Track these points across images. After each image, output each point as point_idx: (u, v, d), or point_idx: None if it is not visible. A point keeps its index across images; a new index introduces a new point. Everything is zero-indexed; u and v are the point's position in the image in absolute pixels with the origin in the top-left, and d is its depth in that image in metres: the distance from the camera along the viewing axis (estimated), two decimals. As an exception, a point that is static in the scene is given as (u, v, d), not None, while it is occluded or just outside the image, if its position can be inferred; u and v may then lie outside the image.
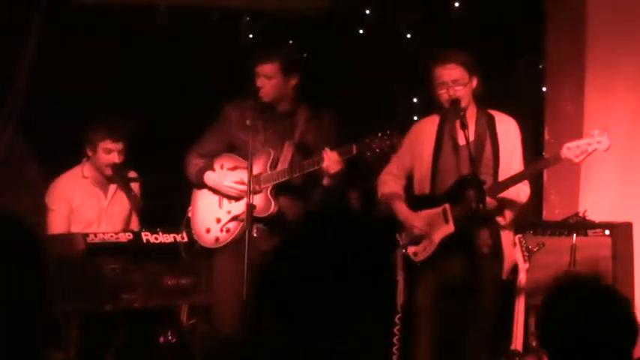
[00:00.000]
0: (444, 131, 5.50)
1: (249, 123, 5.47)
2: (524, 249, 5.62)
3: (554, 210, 6.81)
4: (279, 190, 5.53)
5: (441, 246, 5.39)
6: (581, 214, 6.25)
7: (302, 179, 5.51)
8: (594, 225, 6.08)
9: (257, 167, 5.54)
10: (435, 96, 5.41)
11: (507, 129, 5.47)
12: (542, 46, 7.01)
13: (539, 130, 6.89)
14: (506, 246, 5.44)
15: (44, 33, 6.85)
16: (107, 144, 6.08)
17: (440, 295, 5.41)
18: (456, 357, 5.45)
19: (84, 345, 5.64)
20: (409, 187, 5.60)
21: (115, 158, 6.10)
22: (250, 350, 2.05)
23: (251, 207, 5.33)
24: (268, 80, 5.52)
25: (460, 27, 7.07)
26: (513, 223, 5.50)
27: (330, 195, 5.51)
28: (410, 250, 5.47)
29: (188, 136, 5.86)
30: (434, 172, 5.47)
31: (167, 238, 5.89)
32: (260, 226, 5.52)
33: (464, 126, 5.27)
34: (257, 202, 5.48)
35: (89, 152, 6.16)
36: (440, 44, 7.01)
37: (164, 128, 6.99)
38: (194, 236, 5.72)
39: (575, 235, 5.99)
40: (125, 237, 5.85)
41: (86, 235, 5.73)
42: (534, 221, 6.39)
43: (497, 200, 5.30)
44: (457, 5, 7.26)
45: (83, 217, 6.17)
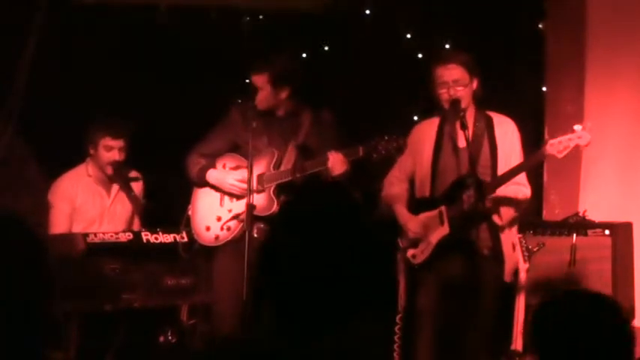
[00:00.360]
0: (444, 133, 5.50)
1: (255, 125, 5.48)
2: (524, 249, 5.62)
3: (554, 210, 6.81)
4: (281, 190, 5.53)
5: (439, 248, 5.40)
6: (581, 214, 6.25)
7: (305, 179, 5.50)
8: (594, 225, 6.08)
9: (261, 167, 5.55)
10: (436, 96, 5.41)
11: (505, 130, 5.47)
12: (542, 46, 7.01)
13: (539, 130, 6.89)
14: (506, 248, 5.43)
15: (44, 33, 6.85)
16: (107, 141, 6.09)
17: (440, 297, 5.41)
18: (457, 357, 5.44)
19: (84, 345, 5.64)
20: (412, 190, 5.62)
21: (116, 155, 6.11)
22: (249, 350, 2.04)
23: (251, 207, 5.33)
24: (259, 90, 5.56)
25: (460, 27, 7.06)
26: (515, 225, 5.49)
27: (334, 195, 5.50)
28: (409, 253, 5.48)
29: (188, 136, 5.86)
30: (434, 174, 5.47)
31: (167, 238, 5.89)
32: (261, 226, 5.51)
33: (464, 127, 5.27)
34: (259, 202, 5.48)
35: (91, 150, 6.17)
36: (440, 44, 7.03)
37: (164, 128, 6.99)
38: (194, 234, 5.72)
39: (575, 235, 5.99)
40: (125, 237, 5.85)
41: (86, 235, 5.73)
42: (534, 221, 6.39)
43: (491, 200, 5.29)
44: (457, 5, 7.26)
45: (85, 216, 6.17)
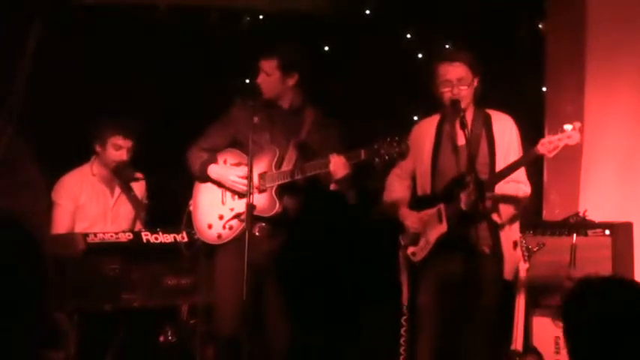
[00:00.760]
0: (444, 131, 5.51)
1: (256, 121, 5.47)
2: (524, 249, 5.63)
3: (554, 210, 6.81)
4: (283, 190, 5.52)
5: (438, 245, 5.40)
6: (581, 214, 6.25)
7: (306, 179, 5.50)
8: (594, 225, 6.08)
9: (262, 165, 5.53)
10: (437, 94, 5.41)
11: (504, 127, 5.48)
12: (542, 46, 7.01)
13: (539, 130, 6.89)
14: (506, 246, 5.43)
15: (44, 33, 6.85)
16: (118, 140, 6.09)
17: (440, 294, 5.41)
18: (457, 355, 5.45)
19: (84, 345, 5.64)
20: (414, 188, 5.63)
21: (124, 155, 6.12)
22: None
23: (251, 207, 5.32)
24: (267, 77, 5.55)
25: (460, 27, 7.06)
26: (516, 222, 5.49)
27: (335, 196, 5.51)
28: (409, 251, 5.50)
29: (189, 136, 5.86)
30: (433, 172, 5.48)
31: (167, 238, 5.90)
32: (263, 226, 5.51)
33: (464, 126, 5.27)
34: (261, 202, 5.48)
35: (98, 148, 6.16)
36: (440, 44, 7.03)
37: (164, 128, 6.99)
38: (195, 231, 5.71)
39: (575, 235, 5.99)
40: (125, 237, 5.86)
41: (86, 235, 5.74)
42: (534, 221, 6.39)
43: (490, 198, 5.29)
44: (457, 5, 7.26)
45: (88, 215, 6.17)
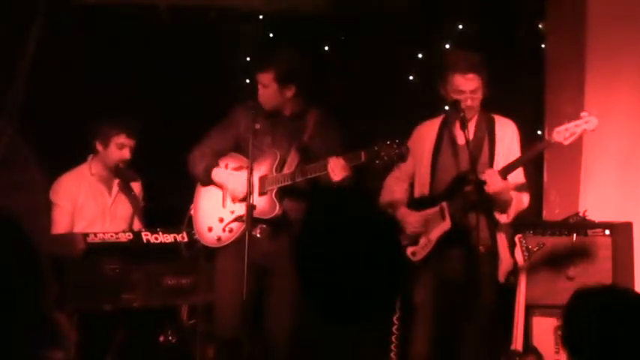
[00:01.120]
0: (444, 132, 5.52)
1: (258, 126, 5.47)
2: (524, 249, 5.63)
3: (554, 210, 6.81)
4: (283, 193, 5.52)
5: (440, 243, 5.41)
6: (581, 214, 6.24)
7: (307, 182, 5.49)
8: (594, 225, 6.08)
9: (263, 169, 5.53)
10: (444, 96, 5.42)
11: (505, 131, 5.50)
12: (542, 46, 7.01)
13: (539, 131, 6.89)
14: (502, 248, 5.46)
15: (44, 33, 6.85)
16: (121, 139, 6.10)
17: (438, 292, 5.42)
18: (455, 352, 5.45)
19: (84, 345, 5.64)
20: (412, 190, 5.63)
21: (127, 154, 6.12)
22: None
23: (251, 208, 5.32)
24: (265, 89, 5.53)
25: (460, 27, 7.06)
26: (509, 228, 5.52)
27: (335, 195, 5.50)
28: (409, 251, 5.50)
29: (188, 136, 5.86)
30: (433, 173, 5.49)
31: (167, 238, 5.90)
32: (264, 228, 5.51)
33: (464, 126, 5.28)
34: (262, 204, 5.47)
35: (99, 147, 6.15)
36: (440, 44, 7.03)
37: (164, 128, 6.99)
38: (195, 234, 5.71)
39: (575, 235, 5.99)
40: (125, 237, 5.86)
41: (86, 235, 5.74)
42: (534, 221, 6.39)
43: (502, 184, 5.28)
44: (457, 5, 7.26)
45: (87, 214, 6.17)
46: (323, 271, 2.05)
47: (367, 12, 7.49)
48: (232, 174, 5.60)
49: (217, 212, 5.63)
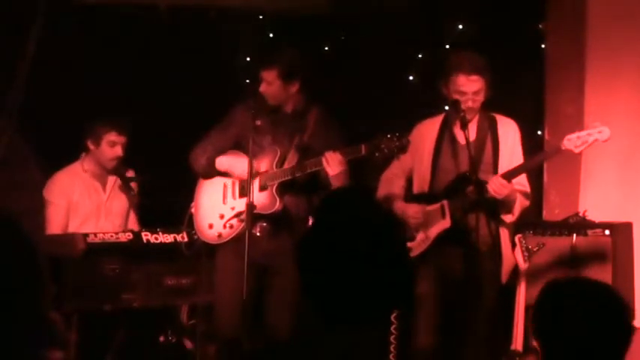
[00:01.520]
0: (445, 131, 5.52)
1: (259, 123, 5.48)
2: (524, 249, 5.63)
3: (554, 210, 6.81)
4: (284, 188, 5.53)
5: (438, 241, 5.41)
6: (581, 214, 6.24)
7: (307, 178, 5.49)
8: (594, 225, 6.08)
9: (263, 165, 5.54)
10: (445, 95, 5.42)
11: (507, 131, 5.50)
12: (542, 46, 7.01)
13: (539, 131, 6.89)
14: (505, 247, 5.46)
15: (44, 33, 6.85)
16: (112, 136, 6.12)
17: (440, 284, 5.42)
18: (456, 349, 5.45)
19: (84, 345, 5.64)
20: (409, 187, 5.62)
21: (119, 151, 6.14)
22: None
23: (251, 206, 5.32)
24: (269, 86, 5.53)
25: (460, 27, 7.06)
26: (511, 227, 5.52)
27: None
28: None
29: (188, 137, 5.86)
30: (433, 171, 5.49)
31: (167, 238, 5.90)
32: (264, 226, 5.51)
33: (464, 126, 5.28)
34: (262, 200, 5.48)
35: (91, 146, 6.17)
36: (440, 44, 7.03)
37: (164, 127, 6.99)
38: (196, 232, 5.72)
39: (575, 235, 5.99)
40: (125, 237, 5.86)
41: (86, 235, 5.74)
42: (534, 221, 6.39)
43: (509, 188, 5.29)
44: (457, 5, 7.26)
45: (82, 211, 6.18)
46: (322, 271, 2.04)
47: (367, 12, 7.50)
48: (237, 159, 5.59)
49: (218, 209, 5.63)
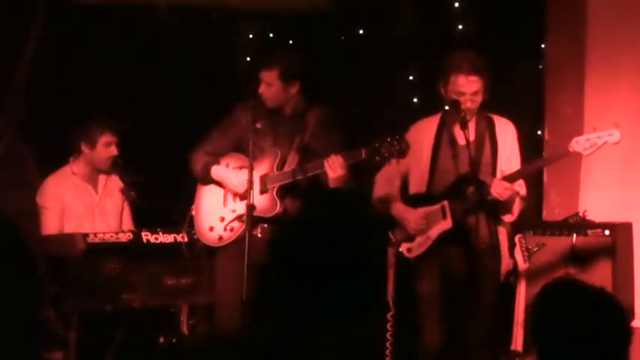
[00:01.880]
0: (444, 131, 5.51)
1: (259, 126, 5.47)
2: (524, 249, 5.62)
3: (554, 210, 6.80)
4: (285, 191, 5.52)
5: (439, 241, 5.41)
6: (581, 214, 6.24)
7: (308, 181, 5.49)
8: (594, 225, 6.07)
9: (263, 168, 5.53)
10: (443, 95, 5.42)
11: (505, 132, 5.50)
12: (542, 46, 7.01)
13: (539, 131, 6.89)
14: (502, 247, 5.46)
15: (44, 33, 6.85)
16: (107, 137, 6.15)
17: (442, 283, 5.42)
18: (458, 346, 5.45)
19: (84, 345, 5.64)
20: (405, 187, 5.61)
21: (114, 151, 6.17)
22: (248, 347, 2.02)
23: (251, 208, 5.32)
24: (268, 87, 5.52)
25: (460, 27, 7.06)
26: (510, 227, 5.53)
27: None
28: (403, 247, 5.48)
29: (188, 137, 5.86)
30: (432, 172, 5.48)
31: (167, 238, 5.90)
32: (265, 226, 5.50)
33: (464, 126, 5.27)
34: (262, 203, 5.47)
35: (85, 148, 6.18)
36: (440, 44, 7.03)
37: (163, 128, 6.99)
38: (197, 234, 5.72)
39: (575, 235, 5.99)
40: (125, 237, 5.86)
41: (86, 235, 5.74)
42: (534, 221, 6.39)
43: (512, 189, 5.29)
44: (457, 5, 7.26)
45: (75, 213, 6.19)
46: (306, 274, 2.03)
47: (367, 12, 7.50)
48: (232, 171, 5.60)
49: (218, 211, 5.63)
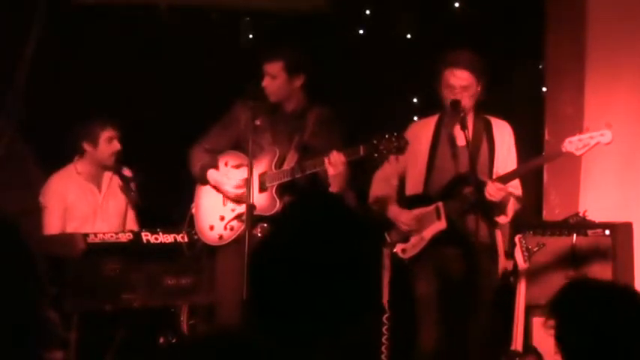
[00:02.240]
0: (442, 132, 5.51)
1: (258, 123, 5.46)
2: (524, 249, 5.62)
3: (554, 210, 6.81)
4: (284, 189, 5.51)
5: (433, 242, 5.41)
6: (581, 214, 6.24)
7: (307, 179, 5.48)
8: (594, 225, 6.08)
9: (262, 166, 5.52)
10: (440, 94, 5.42)
11: (503, 133, 5.51)
12: (542, 46, 7.01)
13: (539, 131, 6.89)
14: (499, 247, 5.47)
15: (44, 33, 6.85)
16: (109, 132, 6.14)
17: (439, 285, 5.42)
18: (456, 347, 5.45)
19: (84, 345, 5.64)
20: (402, 187, 5.61)
21: (117, 146, 6.18)
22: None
23: (251, 207, 5.32)
24: (273, 80, 5.51)
25: (460, 27, 7.06)
26: (505, 228, 5.53)
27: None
28: (398, 248, 5.49)
29: (188, 136, 5.86)
30: (429, 172, 5.48)
31: (167, 238, 5.90)
32: (265, 225, 5.50)
33: (464, 127, 5.27)
34: (262, 201, 5.47)
35: (87, 147, 6.17)
36: (440, 44, 7.02)
37: (163, 128, 6.99)
38: (197, 233, 5.71)
39: (575, 235, 5.99)
40: (125, 237, 5.86)
41: (86, 235, 5.74)
42: (534, 221, 6.39)
43: (505, 190, 5.29)
44: (457, 5, 7.26)
45: (78, 214, 6.18)
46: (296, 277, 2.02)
47: (367, 12, 7.50)
48: (226, 174, 5.59)
49: (218, 210, 5.63)
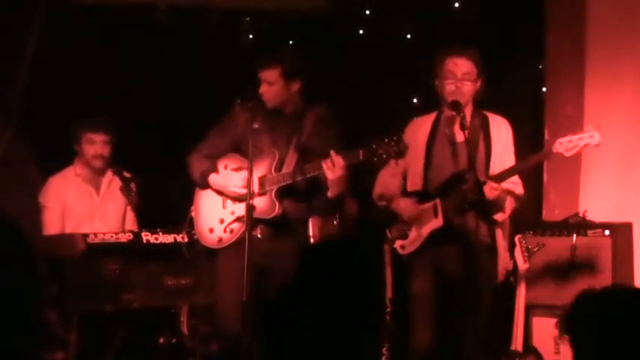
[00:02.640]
0: (439, 129, 5.51)
1: (257, 126, 5.46)
2: (524, 249, 5.63)
3: (554, 210, 6.81)
4: (283, 192, 5.51)
5: (430, 239, 5.41)
6: (581, 214, 6.25)
7: (307, 182, 5.48)
8: (594, 225, 6.08)
9: (261, 169, 5.51)
10: (439, 87, 5.41)
11: (500, 129, 5.50)
12: (542, 46, 7.01)
13: (539, 130, 6.89)
14: (500, 245, 5.46)
15: (44, 33, 6.85)
16: (89, 135, 6.17)
17: (435, 282, 5.42)
18: (454, 348, 5.45)
19: (84, 345, 5.65)
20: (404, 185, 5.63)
21: (99, 149, 6.17)
22: None
23: (251, 208, 5.31)
24: (270, 86, 5.49)
25: (460, 27, 7.07)
26: (507, 226, 5.52)
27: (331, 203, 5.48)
28: (397, 244, 5.50)
29: (187, 137, 5.85)
30: (427, 169, 5.48)
31: (167, 238, 5.90)
32: (264, 228, 5.50)
33: (464, 127, 5.27)
34: (262, 204, 5.46)
35: (77, 148, 6.24)
36: (440, 44, 7.03)
37: (163, 128, 6.99)
38: (197, 236, 5.71)
39: (575, 235, 5.99)
40: (125, 237, 5.86)
41: (86, 235, 5.74)
42: (534, 221, 6.39)
43: (499, 189, 5.29)
44: (457, 5, 7.26)
45: (76, 215, 6.21)
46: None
47: (367, 12, 7.50)
48: (228, 178, 5.58)
49: (218, 213, 5.62)
